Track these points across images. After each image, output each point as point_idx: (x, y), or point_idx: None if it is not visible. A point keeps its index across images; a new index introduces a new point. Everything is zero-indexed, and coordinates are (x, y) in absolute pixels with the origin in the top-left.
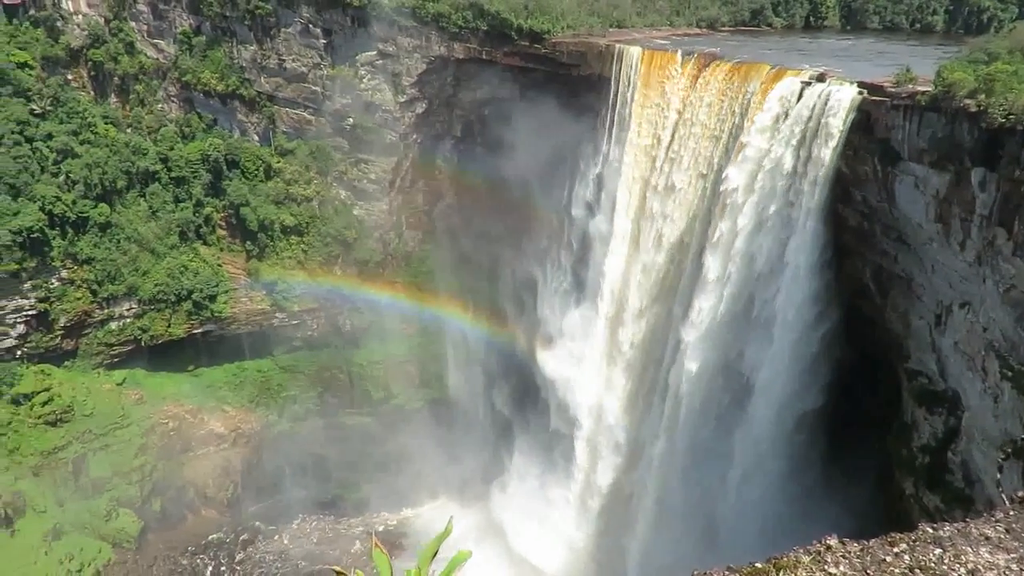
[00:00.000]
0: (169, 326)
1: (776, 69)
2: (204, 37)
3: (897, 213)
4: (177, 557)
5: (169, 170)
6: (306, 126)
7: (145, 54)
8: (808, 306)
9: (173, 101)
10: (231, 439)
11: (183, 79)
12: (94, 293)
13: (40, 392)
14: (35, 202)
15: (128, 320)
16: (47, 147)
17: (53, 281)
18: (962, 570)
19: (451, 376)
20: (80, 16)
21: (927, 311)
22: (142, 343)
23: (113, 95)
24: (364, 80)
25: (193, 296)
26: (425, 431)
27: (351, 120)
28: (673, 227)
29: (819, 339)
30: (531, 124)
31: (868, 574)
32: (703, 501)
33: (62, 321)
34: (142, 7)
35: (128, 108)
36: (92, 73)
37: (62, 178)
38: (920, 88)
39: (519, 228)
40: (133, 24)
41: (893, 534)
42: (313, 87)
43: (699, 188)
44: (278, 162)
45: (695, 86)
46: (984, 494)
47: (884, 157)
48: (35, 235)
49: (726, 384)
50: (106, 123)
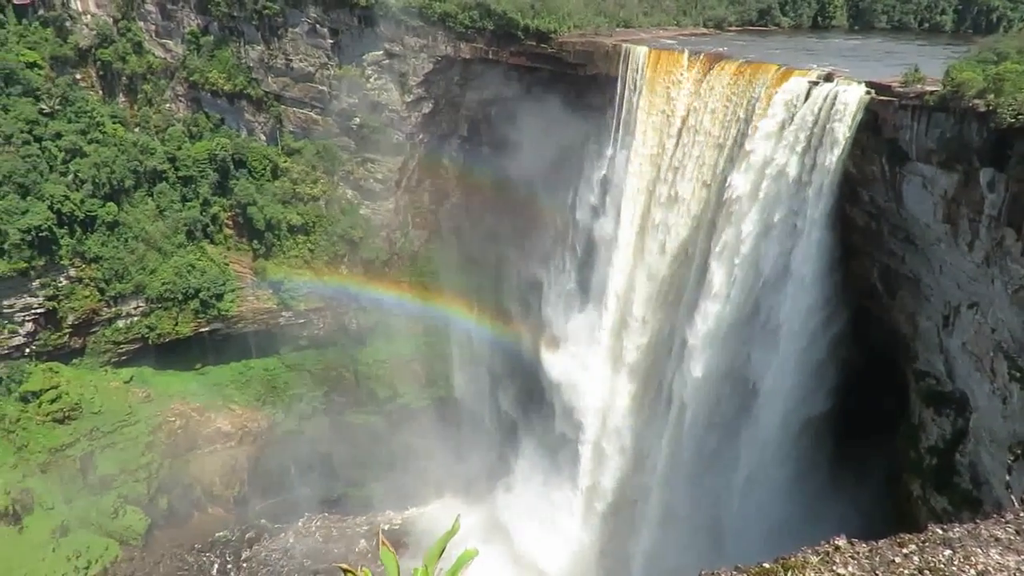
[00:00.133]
0: (176, 324)
1: (783, 69)
2: (212, 37)
3: (905, 213)
4: (184, 555)
5: (176, 169)
6: (313, 126)
7: (153, 54)
8: (814, 313)
9: (181, 101)
10: (237, 437)
11: (191, 79)
12: (102, 291)
13: (48, 390)
14: (44, 201)
15: (135, 318)
16: (56, 146)
17: (61, 279)
18: (972, 572)
19: (456, 376)
20: (89, 16)
21: (935, 312)
22: (149, 341)
23: (121, 94)
24: (371, 80)
25: (200, 295)
26: (431, 430)
27: (358, 120)
28: (678, 234)
29: (826, 344)
30: (537, 124)
31: (877, 575)
32: (709, 505)
33: (70, 319)
34: (150, 7)
35: (136, 107)
36: (100, 73)
37: (70, 177)
38: (928, 88)
39: (524, 228)
40: (141, 24)
41: (902, 535)
42: (320, 87)
43: (704, 196)
44: (285, 161)
45: (699, 91)
46: (992, 496)
47: (892, 157)
48: (44, 234)
49: (732, 390)
50: (114, 122)
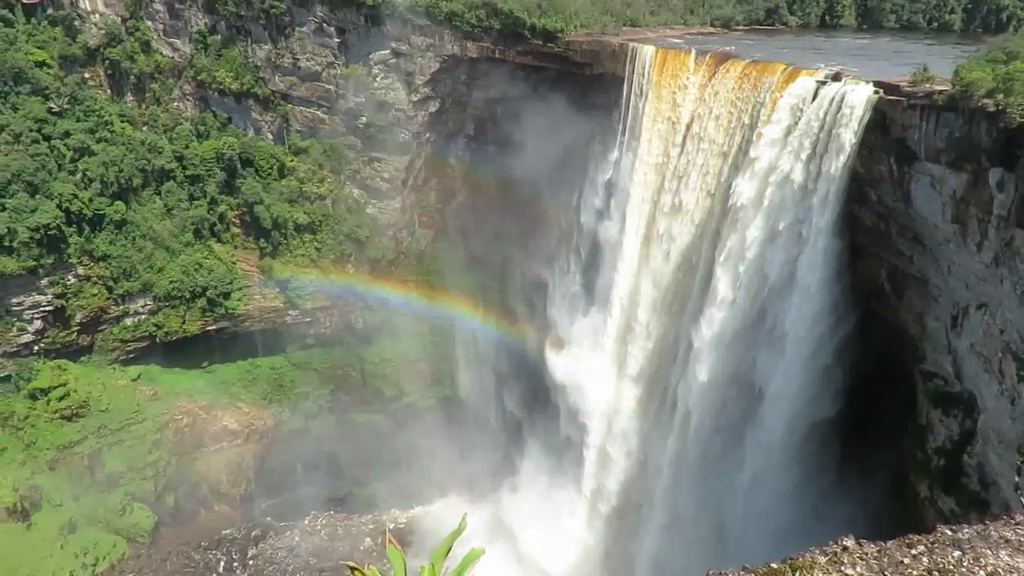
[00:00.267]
0: (183, 323)
1: (790, 69)
2: (219, 36)
3: (913, 213)
4: (190, 552)
5: (184, 168)
6: (320, 125)
7: (161, 53)
8: (821, 320)
9: (188, 100)
10: (244, 435)
11: (198, 78)
12: (110, 290)
13: (56, 387)
14: (52, 199)
15: (143, 316)
16: (64, 145)
17: (70, 278)
18: (981, 573)
19: (462, 375)
20: (97, 15)
21: (943, 312)
22: (157, 339)
23: (129, 93)
24: (377, 79)
25: (207, 293)
26: (436, 430)
27: (364, 119)
28: (682, 242)
29: (833, 349)
30: (542, 123)
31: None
32: (714, 508)
33: (78, 317)
34: (158, 6)
35: (144, 106)
36: (109, 72)
37: (79, 176)
38: (937, 87)
39: (529, 228)
40: (149, 23)
41: (911, 536)
42: (327, 86)
43: (708, 205)
44: (292, 160)
45: (704, 97)
46: (1000, 497)
47: (900, 157)
48: (52, 232)
49: (738, 393)
50: (122, 121)
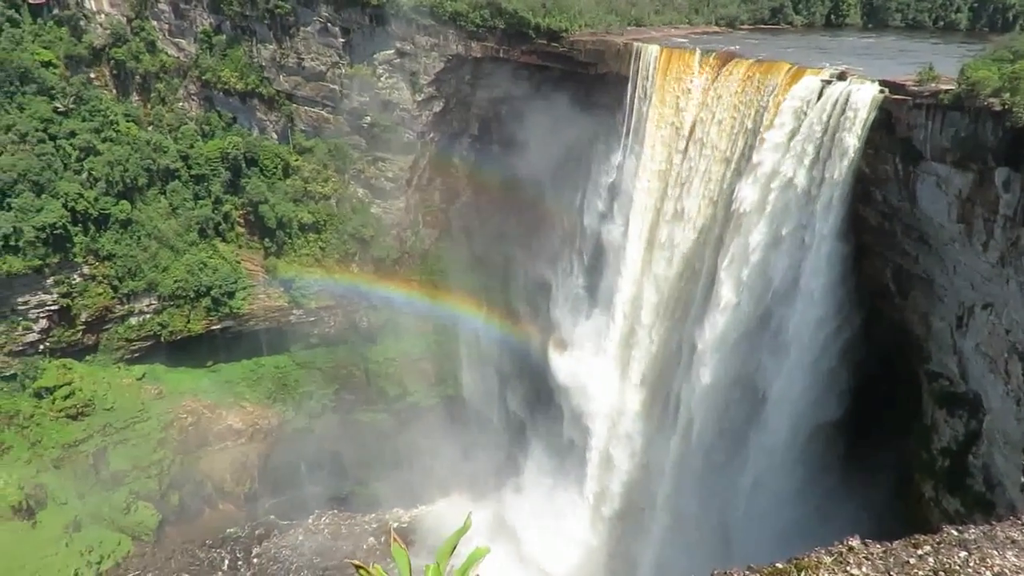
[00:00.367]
0: (188, 322)
1: (795, 68)
2: (224, 36)
3: (919, 213)
4: (195, 550)
5: (189, 168)
6: (324, 124)
7: (166, 53)
8: (825, 324)
9: (193, 99)
10: (248, 434)
11: (203, 77)
12: (115, 289)
13: (62, 386)
14: (58, 199)
15: (148, 316)
16: (70, 144)
17: (75, 277)
18: (988, 574)
19: (465, 375)
20: (103, 15)
21: (948, 312)
22: (162, 339)
23: (135, 93)
24: (382, 79)
25: (212, 292)
26: (439, 429)
27: (369, 118)
28: (685, 248)
29: (837, 352)
30: (546, 123)
31: None
32: (717, 510)
33: (83, 316)
34: (163, 6)
35: (149, 106)
36: (114, 71)
37: (84, 175)
38: (943, 87)
39: (533, 229)
40: (155, 23)
41: (917, 536)
42: (331, 86)
43: (710, 212)
44: (296, 160)
45: (706, 101)
46: (1006, 498)
47: (906, 156)
48: (58, 231)
49: (741, 396)
50: (128, 121)
